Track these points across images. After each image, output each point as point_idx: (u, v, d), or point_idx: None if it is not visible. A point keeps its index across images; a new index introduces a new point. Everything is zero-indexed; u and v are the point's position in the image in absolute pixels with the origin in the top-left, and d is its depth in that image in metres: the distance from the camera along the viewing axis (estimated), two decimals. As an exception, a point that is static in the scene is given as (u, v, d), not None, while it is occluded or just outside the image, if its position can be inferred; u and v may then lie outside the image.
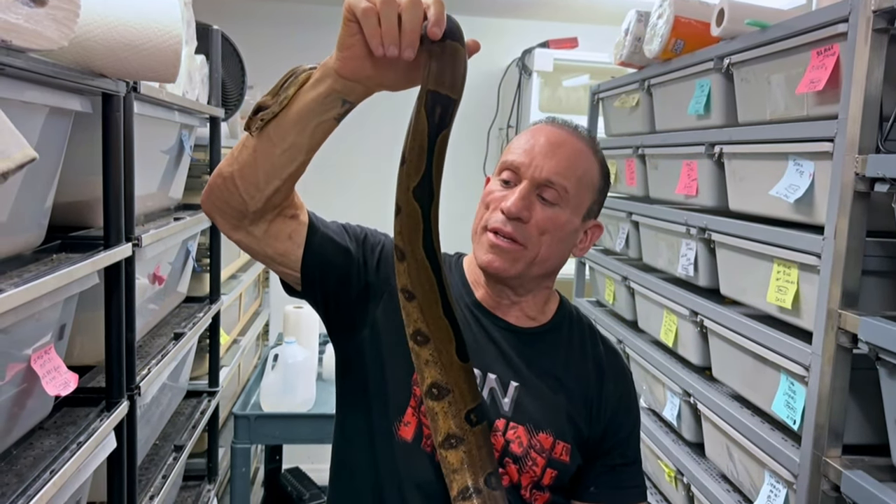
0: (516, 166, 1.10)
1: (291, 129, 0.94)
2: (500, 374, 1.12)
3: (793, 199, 1.39)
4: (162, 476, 1.78)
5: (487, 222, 1.10)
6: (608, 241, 2.56)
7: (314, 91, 0.92)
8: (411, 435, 1.08)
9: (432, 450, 1.06)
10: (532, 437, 1.10)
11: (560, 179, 1.08)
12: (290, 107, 0.94)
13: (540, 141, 1.11)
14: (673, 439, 1.89)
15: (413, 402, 1.09)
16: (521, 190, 1.08)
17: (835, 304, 1.25)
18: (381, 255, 1.14)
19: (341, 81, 0.90)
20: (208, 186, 1.02)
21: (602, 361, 1.19)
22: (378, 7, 0.82)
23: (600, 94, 2.64)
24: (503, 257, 1.08)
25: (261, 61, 3.61)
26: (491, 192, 1.12)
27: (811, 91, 1.34)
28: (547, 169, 1.08)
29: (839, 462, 1.25)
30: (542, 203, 1.09)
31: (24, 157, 0.75)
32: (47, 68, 1.08)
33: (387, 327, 1.11)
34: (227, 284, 2.84)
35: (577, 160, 1.11)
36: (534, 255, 1.09)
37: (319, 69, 0.93)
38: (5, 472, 1.14)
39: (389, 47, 0.83)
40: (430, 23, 0.83)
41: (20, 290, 1.01)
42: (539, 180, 1.08)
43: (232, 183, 0.98)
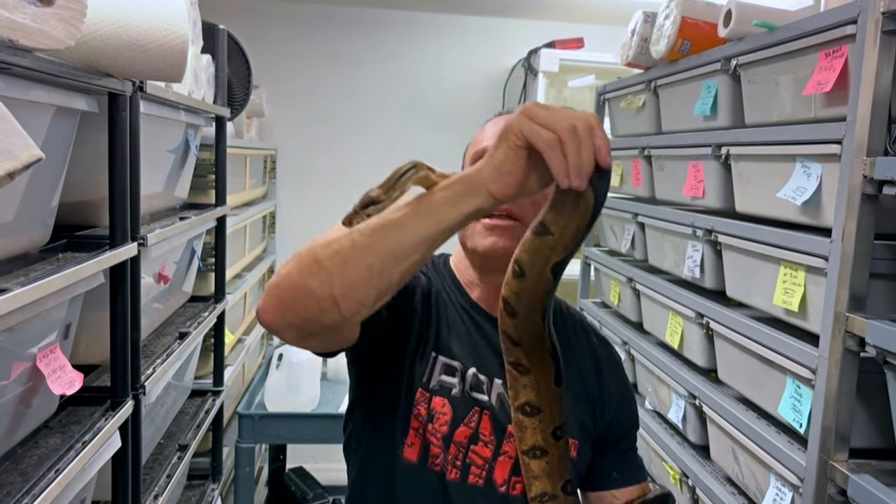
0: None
1: (422, 244, 0.83)
2: (505, 381, 1.12)
3: (800, 202, 1.38)
4: (166, 475, 1.78)
5: None
6: (613, 242, 2.55)
7: (456, 210, 0.82)
8: (416, 456, 1.09)
9: (441, 468, 1.08)
10: None
11: None
12: (419, 220, 0.83)
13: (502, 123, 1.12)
14: (678, 441, 1.88)
15: (416, 424, 1.09)
16: None
17: (842, 307, 1.24)
18: (414, 300, 1.12)
19: (492, 201, 0.82)
20: (279, 302, 0.87)
21: (597, 355, 1.21)
22: (564, 140, 0.78)
23: (606, 95, 2.63)
24: (504, 235, 1.08)
25: (267, 61, 3.62)
26: None
27: (819, 92, 1.33)
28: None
29: (846, 466, 1.24)
30: None
31: (31, 157, 0.75)
32: (54, 68, 1.08)
33: (395, 352, 1.11)
34: (232, 284, 2.84)
35: None
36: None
37: (458, 184, 0.82)
38: (10, 471, 1.14)
39: (574, 179, 0.79)
40: (604, 153, 0.80)
41: (26, 289, 1.01)
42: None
43: (331, 303, 0.83)
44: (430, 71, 3.99)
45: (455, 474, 1.09)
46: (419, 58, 3.98)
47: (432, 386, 1.10)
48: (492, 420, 1.11)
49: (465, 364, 1.12)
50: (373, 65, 3.95)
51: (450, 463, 1.09)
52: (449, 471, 1.09)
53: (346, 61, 3.94)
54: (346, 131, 3.89)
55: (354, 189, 1.13)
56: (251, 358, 3.24)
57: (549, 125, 0.77)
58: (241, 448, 2.46)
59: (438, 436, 1.09)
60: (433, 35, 3.99)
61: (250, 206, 3.25)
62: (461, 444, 1.09)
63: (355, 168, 3.87)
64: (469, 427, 1.10)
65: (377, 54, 3.95)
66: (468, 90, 4.04)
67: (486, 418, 1.10)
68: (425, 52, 3.99)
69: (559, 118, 0.78)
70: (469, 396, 1.11)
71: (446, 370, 1.11)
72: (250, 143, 3.46)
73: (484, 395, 1.12)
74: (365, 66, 3.94)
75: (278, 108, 3.91)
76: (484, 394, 1.12)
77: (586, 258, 2.75)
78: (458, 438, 1.09)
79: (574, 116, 0.78)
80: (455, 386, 1.11)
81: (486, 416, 1.10)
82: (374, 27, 3.94)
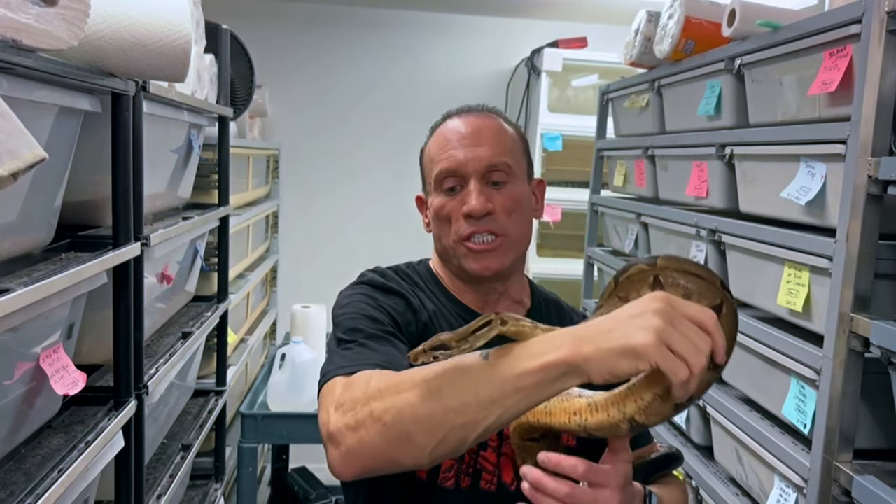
0: (454, 171, 1.10)
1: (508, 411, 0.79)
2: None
3: (804, 202, 1.38)
4: (169, 475, 1.78)
5: (460, 233, 1.10)
6: (617, 242, 2.55)
7: (551, 387, 0.78)
8: (426, 473, 1.08)
9: (454, 481, 1.07)
10: None
11: (499, 158, 1.11)
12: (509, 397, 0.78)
13: (458, 137, 1.12)
14: (681, 442, 1.88)
15: None
16: (474, 187, 1.09)
17: (847, 308, 1.24)
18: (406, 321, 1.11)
19: (588, 382, 0.77)
20: (363, 468, 0.84)
21: None
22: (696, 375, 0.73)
23: (610, 95, 2.63)
24: (493, 257, 1.10)
25: (269, 61, 3.62)
26: (442, 206, 1.11)
27: (824, 92, 1.33)
28: (483, 156, 1.10)
29: (850, 467, 1.23)
30: (496, 188, 1.11)
31: (34, 157, 0.75)
32: (57, 68, 1.08)
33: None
34: (235, 284, 2.84)
35: (499, 135, 1.13)
36: (515, 238, 1.12)
37: (557, 367, 0.76)
38: (14, 470, 1.14)
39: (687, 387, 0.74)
40: (720, 354, 0.77)
41: (29, 289, 1.01)
42: (482, 170, 1.10)
43: (424, 462, 0.83)
44: (434, 70, 3.99)
45: (467, 482, 1.09)
46: (422, 57, 3.98)
47: None
48: None
49: None
50: (376, 64, 3.95)
51: (462, 472, 1.09)
52: (462, 480, 1.09)
53: (350, 61, 3.94)
54: (349, 131, 3.89)
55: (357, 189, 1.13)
56: (254, 358, 3.24)
57: (688, 359, 0.72)
58: (244, 448, 2.46)
59: None
60: (436, 34, 3.99)
61: (253, 206, 3.25)
62: (472, 452, 1.09)
63: (358, 168, 3.87)
64: None
65: (380, 54, 3.95)
66: (471, 89, 4.03)
67: None
68: (428, 51, 3.99)
69: (698, 351, 0.72)
70: None
71: None
72: (253, 142, 3.46)
73: None
74: (368, 66, 3.94)
75: (281, 108, 3.91)
76: None
77: (589, 258, 2.75)
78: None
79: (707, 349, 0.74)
80: None
81: None
82: (378, 27, 3.94)
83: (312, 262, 3.90)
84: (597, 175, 2.76)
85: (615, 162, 2.59)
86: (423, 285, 1.19)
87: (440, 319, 1.14)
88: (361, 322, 1.05)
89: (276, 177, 3.93)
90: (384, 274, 1.17)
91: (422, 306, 1.14)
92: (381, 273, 1.17)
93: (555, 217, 3.49)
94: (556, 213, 3.50)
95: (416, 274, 1.21)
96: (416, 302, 1.14)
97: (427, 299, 1.16)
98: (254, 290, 3.28)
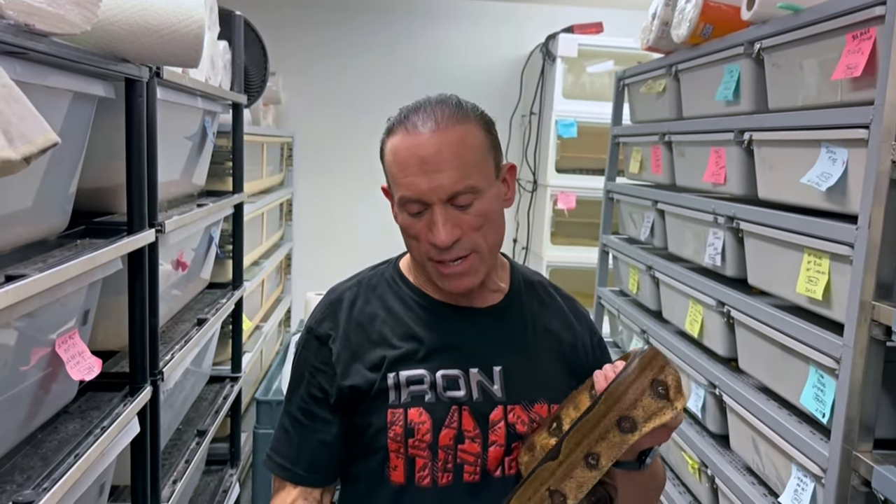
0: (417, 199, 1.05)
1: None
2: (481, 366, 1.12)
3: (825, 188, 1.35)
4: (185, 460, 1.79)
5: (430, 256, 1.08)
6: (633, 230, 2.53)
7: None
8: (403, 477, 1.09)
9: (431, 479, 1.08)
10: (529, 411, 1.12)
11: (462, 183, 1.04)
12: None
13: (417, 162, 1.04)
14: (697, 431, 1.86)
15: (394, 446, 1.08)
16: (439, 217, 1.04)
17: (868, 296, 1.21)
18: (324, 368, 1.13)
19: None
20: None
21: (565, 312, 1.22)
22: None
23: (626, 80, 2.60)
24: (465, 277, 1.08)
25: (283, 48, 3.62)
26: (409, 226, 1.08)
27: (848, 77, 1.30)
28: (446, 184, 1.03)
29: (870, 457, 1.22)
30: (462, 209, 1.05)
31: (47, 141, 0.74)
32: (70, 53, 1.07)
33: (351, 392, 1.11)
34: (250, 271, 2.85)
35: (460, 153, 1.04)
36: (487, 249, 1.09)
37: None
38: (31, 455, 1.15)
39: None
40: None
41: (44, 275, 1.01)
42: (445, 198, 1.04)
43: None
44: (448, 56, 3.97)
45: (447, 478, 1.09)
46: (436, 43, 3.96)
47: (404, 401, 1.09)
48: (472, 413, 1.10)
49: (429, 370, 1.11)
50: (389, 51, 3.93)
51: (440, 469, 1.08)
52: (440, 477, 1.08)
53: (363, 48, 3.93)
54: (363, 118, 3.88)
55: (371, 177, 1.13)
56: (269, 345, 3.26)
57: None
58: (259, 434, 2.48)
59: (423, 446, 1.08)
60: (451, 20, 3.96)
61: (267, 194, 3.26)
62: (448, 448, 1.09)
63: (372, 155, 3.86)
64: (451, 428, 1.09)
65: (394, 40, 3.93)
66: (486, 76, 4.01)
67: (467, 413, 1.09)
68: (443, 37, 3.97)
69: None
70: (444, 397, 1.09)
71: (412, 381, 1.10)
72: (267, 130, 3.46)
73: (460, 390, 1.10)
74: (381, 53, 3.93)
75: (295, 96, 3.91)
76: (460, 389, 1.10)
77: (604, 246, 2.73)
78: (443, 442, 1.08)
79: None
80: (427, 392, 1.09)
81: (465, 412, 1.09)
82: (391, 13, 3.92)
83: (326, 249, 3.91)
84: (612, 162, 2.73)
85: (631, 149, 2.57)
86: (386, 288, 1.18)
87: (405, 315, 1.15)
88: (293, 397, 1.16)
89: (290, 164, 3.93)
90: (320, 322, 1.17)
91: (370, 322, 1.14)
92: (317, 320, 1.17)
93: (569, 205, 3.47)
94: (570, 201, 3.48)
95: (382, 279, 1.20)
96: (362, 318, 1.15)
97: (394, 301, 1.16)
98: (268, 278, 3.29)
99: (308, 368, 1.14)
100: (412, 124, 1.07)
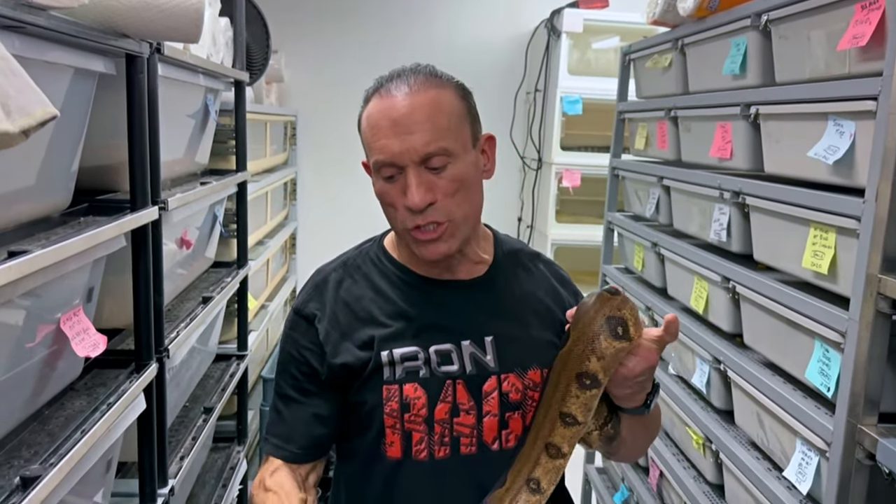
0: (390, 162, 1.05)
1: None
2: (473, 337, 1.13)
3: (832, 161, 1.34)
4: (192, 437, 1.81)
5: (405, 224, 1.08)
6: (638, 207, 2.51)
7: None
8: (400, 452, 1.10)
9: (427, 453, 1.09)
10: (523, 378, 1.13)
11: (436, 145, 1.04)
12: None
13: (389, 124, 1.04)
14: (702, 406, 1.86)
15: (390, 421, 1.09)
16: (412, 179, 1.04)
17: (875, 269, 1.21)
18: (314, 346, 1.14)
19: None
20: None
21: (547, 277, 1.24)
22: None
23: (632, 55, 2.57)
24: (440, 243, 1.08)
25: (285, 25, 3.59)
26: (384, 193, 1.09)
27: (854, 47, 1.28)
28: (418, 146, 1.03)
29: (875, 430, 1.21)
30: (436, 172, 1.05)
31: (45, 114, 0.74)
32: (69, 27, 1.07)
33: (343, 370, 1.12)
34: (255, 250, 2.85)
35: (433, 115, 1.04)
36: (461, 218, 1.08)
37: None
38: (38, 431, 1.16)
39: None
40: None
41: (46, 251, 1.01)
42: (418, 159, 1.04)
43: None
44: (451, 32, 3.93)
45: (444, 451, 1.09)
46: (440, 19, 3.92)
47: (398, 376, 1.10)
48: (466, 387, 1.11)
49: (421, 346, 1.11)
50: (393, 28, 3.90)
51: (436, 443, 1.09)
52: (437, 451, 1.09)
53: (366, 25, 3.89)
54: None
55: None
56: (275, 324, 3.27)
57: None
58: (266, 411, 2.49)
59: (419, 420, 1.09)
60: (454, -4, 3.92)
61: (271, 173, 3.25)
62: (444, 422, 1.09)
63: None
64: (446, 402, 1.10)
65: (398, 17, 3.90)
66: (490, 52, 3.98)
67: (461, 387, 1.10)
68: (447, 13, 3.93)
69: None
70: (438, 372, 1.10)
71: (406, 357, 1.10)
72: (270, 108, 3.45)
73: (453, 364, 1.11)
74: (385, 29, 3.89)
75: (298, 74, 3.88)
76: (453, 363, 1.11)
77: (610, 223, 2.72)
78: (438, 417, 1.09)
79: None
80: (421, 368, 1.10)
81: (460, 385, 1.10)
82: (394, -11, 3.88)
83: (331, 228, 3.91)
84: (618, 138, 2.71)
85: (636, 125, 2.54)
86: (371, 267, 1.19)
87: (392, 292, 1.15)
88: (283, 379, 1.18)
89: (294, 143, 3.91)
90: (305, 302, 1.17)
91: (357, 301, 1.15)
92: (303, 300, 1.17)
93: (574, 182, 3.45)
94: (575, 179, 3.46)
95: (367, 259, 1.20)
96: (349, 298, 1.15)
97: (380, 279, 1.17)
98: (273, 257, 3.30)
99: (297, 348, 1.15)
100: (386, 90, 1.08)
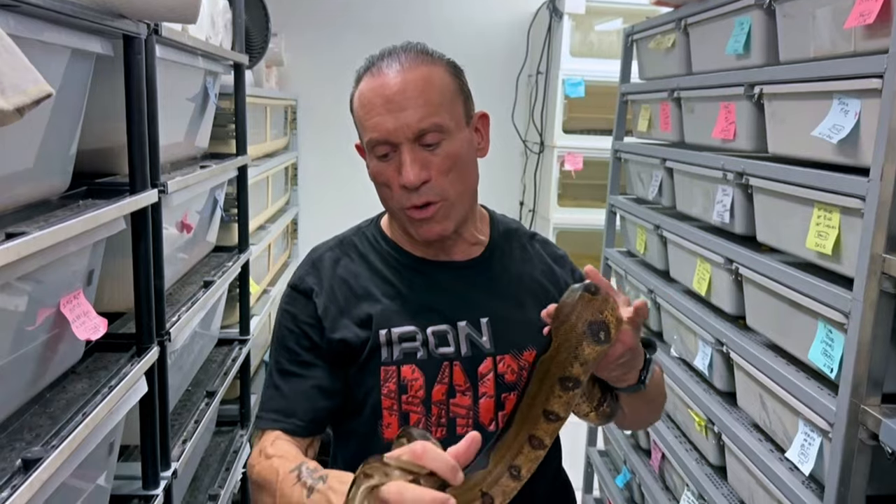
0: (384, 140, 1.05)
1: None
2: (469, 318, 1.13)
3: (836, 140, 1.33)
4: (194, 421, 1.81)
5: (401, 203, 1.07)
6: (640, 189, 2.50)
7: None
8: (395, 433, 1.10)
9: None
10: (519, 359, 1.13)
11: (429, 121, 1.04)
12: None
13: (382, 101, 1.05)
14: (704, 389, 1.86)
15: (388, 403, 1.09)
16: (406, 157, 1.04)
17: (879, 249, 1.20)
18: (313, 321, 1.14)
19: None
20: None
21: (544, 257, 1.24)
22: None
23: (634, 36, 2.55)
24: (434, 224, 1.08)
25: (285, 8, 3.56)
26: (378, 172, 1.09)
27: (861, 24, 1.26)
28: (412, 122, 1.03)
29: (878, 410, 1.21)
30: (430, 150, 1.05)
31: (40, 91, 0.73)
32: (65, 6, 1.05)
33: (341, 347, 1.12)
34: (256, 235, 2.85)
35: (426, 91, 1.05)
36: (455, 197, 1.08)
37: None
38: (39, 414, 1.16)
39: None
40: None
41: (45, 232, 1.01)
42: (412, 136, 1.04)
43: None
44: (452, 15, 3.90)
45: (441, 433, 1.09)
46: (440, 2, 3.89)
47: (396, 358, 1.10)
48: (463, 368, 1.11)
49: (419, 327, 1.11)
50: (393, 10, 3.86)
51: (433, 424, 1.09)
52: (434, 432, 1.09)
53: (366, 8, 3.86)
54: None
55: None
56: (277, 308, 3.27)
57: None
58: (268, 396, 2.49)
59: (416, 402, 1.09)
60: (455, -22, 3.88)
61: (272, 158, 3.24)
62: (441, 403, 1.10)
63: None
64: (443, 383, 1.10)
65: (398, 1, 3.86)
66: (491, 34, 3.95)
67: (458, 368, 1.11)
68: (447, -5, 3.90)
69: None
70: (436, 354, 1.10)
71: (405, 338, 1.11)
72: (270, 92, 3.42)
73: (450, 346, 1.11)
74: (385, 12, 3.86)
75: (298, 57, 3.86)
76: (450, 345, 1.11)
77: (612, 206, 2.70)
78: (436, 398, 1.09)
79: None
80: (419, 349, 1.10)
81: (456, 367, 1.11)
82: (395, -28, 3.85)
83: (333, 214, 3.89)
84: (620, 121, 2.69)
85: (639, 107, 2.53)
86: (367, 247, 1.19)
87: (388, 272, 1.15)
88: (280, 356, 1.15)
89: (295, 128, 3.90)
90: (302, 278, 1.17)
91: (354, 278, 1.15)
92: (300, 276, 1.18)
93: (576, 166, 3.44)
94: (577, 162, 3.44)
95: (363, 238, 1.20)
96: (347, 275, 1.15)
97: (376, 259, 1.17)
98: (275, 242, 3.29)
99: (296, 323, 1.14)
100: (377, 68, 1.08)
